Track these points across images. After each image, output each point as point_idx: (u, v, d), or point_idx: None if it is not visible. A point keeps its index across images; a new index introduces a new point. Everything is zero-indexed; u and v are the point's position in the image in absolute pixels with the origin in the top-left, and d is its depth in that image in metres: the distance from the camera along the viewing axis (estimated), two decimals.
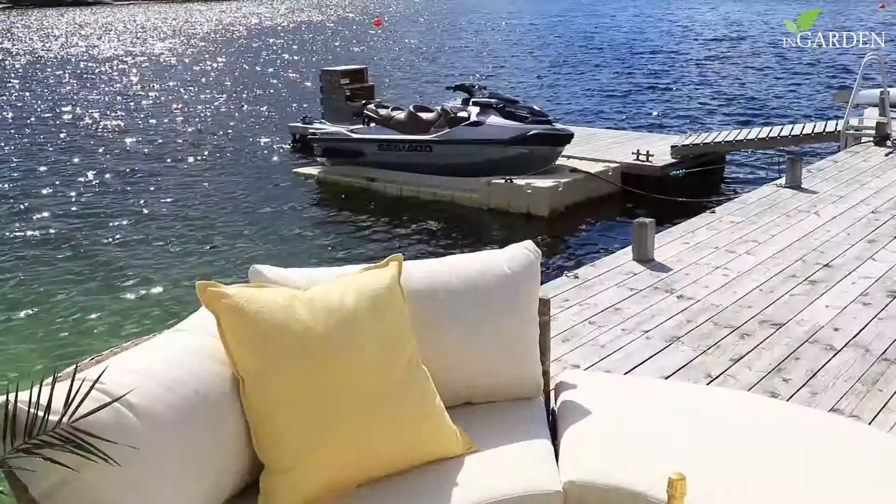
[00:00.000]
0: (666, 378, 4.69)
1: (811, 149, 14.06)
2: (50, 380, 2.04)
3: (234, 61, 32.93)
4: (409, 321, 2.62)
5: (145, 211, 11.99)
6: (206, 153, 16.25)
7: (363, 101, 15.14)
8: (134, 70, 30.47)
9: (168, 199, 12.64)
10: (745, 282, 6.32)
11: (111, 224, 11.27)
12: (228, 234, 10.88)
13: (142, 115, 20.70)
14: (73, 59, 34.60)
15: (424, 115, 12.68)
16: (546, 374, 3.10)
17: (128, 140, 17.66)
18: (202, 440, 2.25)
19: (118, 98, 23.72)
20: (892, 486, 2.40)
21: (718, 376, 4.76)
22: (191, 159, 15.71)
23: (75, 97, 23.89)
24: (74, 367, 2.12)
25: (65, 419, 1.95)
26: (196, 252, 10.12)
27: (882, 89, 12.05)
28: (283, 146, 16.82)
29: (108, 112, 21.20)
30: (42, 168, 14.95)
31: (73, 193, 12.99)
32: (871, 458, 2.56)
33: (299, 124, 16.11)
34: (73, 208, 12.15)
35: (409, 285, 2.77)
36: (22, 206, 12.20)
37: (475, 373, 2.89)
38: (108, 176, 14.22)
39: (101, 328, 7.79)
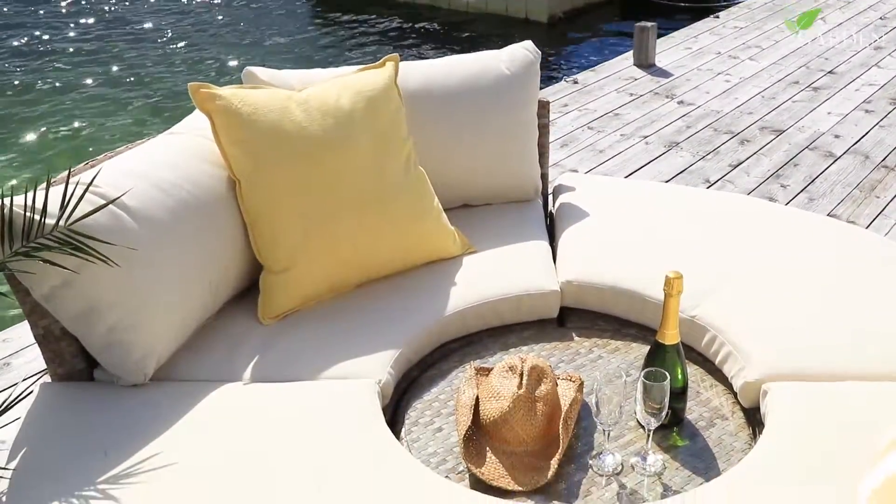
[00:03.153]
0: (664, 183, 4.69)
1: None
2: (44, 184, 2.02)
3: None
4: (405, 122, 2.58)
5: (134, 17, 11.68)
6: None
7: None
8: None
9: (156, 5, 12.29)
10: (747, 88, 6.23)
11: (98, 31, 10.99)
12: (219, 38, 10.64)
13: None
14: None
15: None
16: (544, 176, 3.08)
17: None
18: (200, 242, 2.25)
19: None
20: (889, 287, 2.42)
21: (717, 181, 4.76)
22: None
23: None
24: (68, 170, 2.09)
25: (61, 222, 1.94)
26: (187, 57, 9.92)
27: None
28: None
29: None
30: None
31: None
32: (867, 260, 2.57)
33: None
34: (61, 15, 11.83)
35: (406, 86, 2.71)
36: (10, 13, 11.88)
37: (473, 174, 2.86)
38: None
39: (93, 135, 7.73)
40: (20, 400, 1.95)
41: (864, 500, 1.50)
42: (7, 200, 1.93)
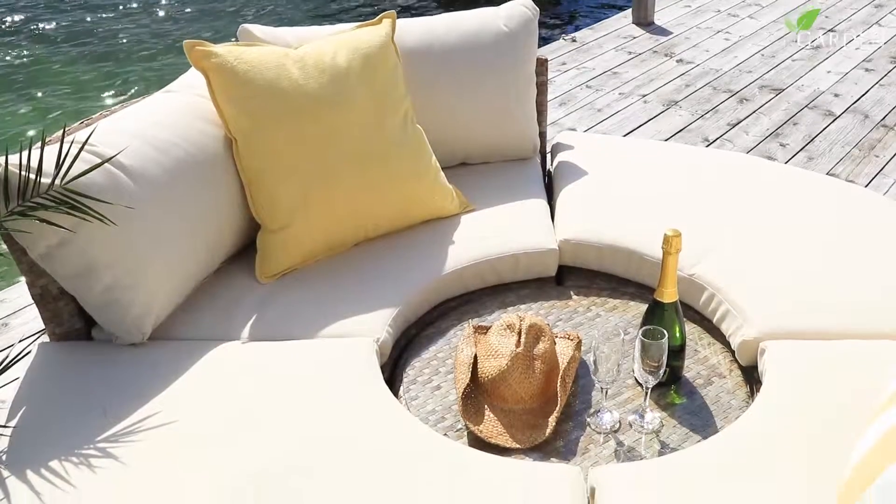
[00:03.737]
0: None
1: None
2: (40, 143, 2.00)
3: None
4: (403, 79, 2.56)
5: None
6: None
7: None
8: None
9: None
10: (747, 46, 6.19)
11: None
12: None
13: None
14: None
15: None
16: (543, 135, 3.06)
17: None
18: (197, 201, 2.24)
19: None
20: (888, 246, 2.42)
21: (715, 140, 4.75)
22: None
23: None
24: (63, 129, 2.08)
25: (57, 181, 1.93)
26: (181, 15, 9.83)
27: None
28: None
29: None
30: None
31: None
32: (866, 219, 2.57)
33: None
34: None
35: (403, 43, 2.69)
36: None
37: (471, 132, 2.85)
38: None
39: (89, 95, 7.68)
40: (19, 360, 1.95)
41: (862, 456, 1.51)
42: (2, 159, 1.92)
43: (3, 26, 9.39)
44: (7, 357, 1.95)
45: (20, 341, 3.16)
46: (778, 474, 1.71)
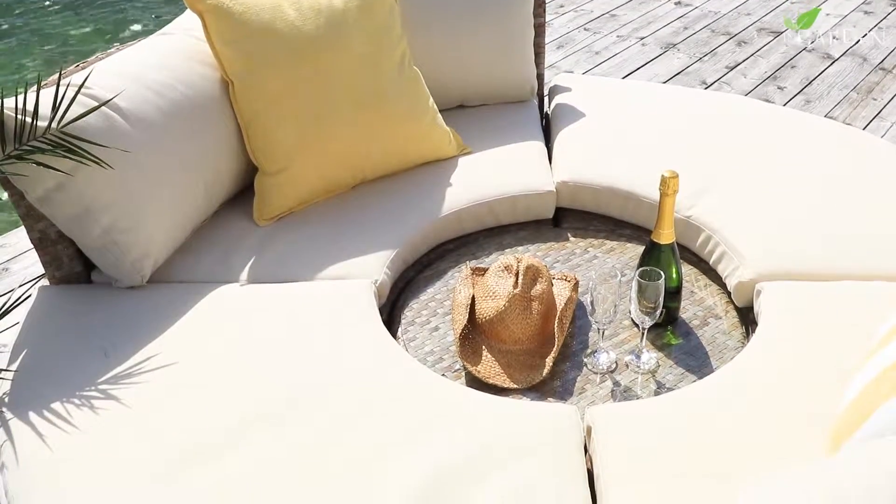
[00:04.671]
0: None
1: None
2: (35, 86, 1.99)
3: None
4: (399, 21, 2.53)
5: None
6: None
7: None
8: None
9: None
10: None
11: None
12: None
13: None
14: None
15: None
16: (540, 77, 3.05)
17: None
18: (194, 144, 2.23)
19: None
20: (884, 188, 2.42)
21: (713, 83, 4.73)
22: None
23: None
24: (59, 72, 2.07)
25: (54, 124, 1.93)
26: None
27: None
28: None
29: None
30: None
31: None
32: (863, 161, 2.57)
33: None
34: None
35: None
36: None
37: (468, 73, 2.83)
38: None
39: (83, 38, 7.61)
40: (19, 304, 1.96)
41: (855, 395, 1.53)
42: None
43: None
44: (8, 301, 1.96)
45: (21, 286, 3.18)
46: (772, 414, 1.73)
